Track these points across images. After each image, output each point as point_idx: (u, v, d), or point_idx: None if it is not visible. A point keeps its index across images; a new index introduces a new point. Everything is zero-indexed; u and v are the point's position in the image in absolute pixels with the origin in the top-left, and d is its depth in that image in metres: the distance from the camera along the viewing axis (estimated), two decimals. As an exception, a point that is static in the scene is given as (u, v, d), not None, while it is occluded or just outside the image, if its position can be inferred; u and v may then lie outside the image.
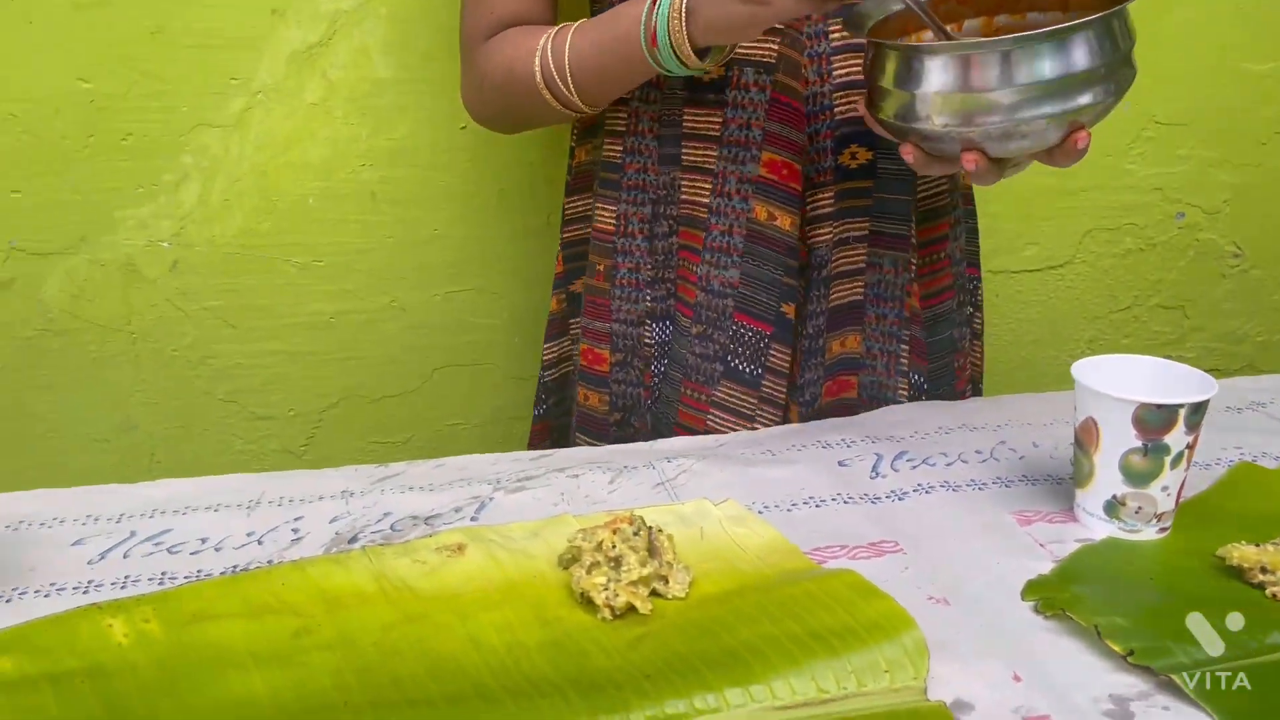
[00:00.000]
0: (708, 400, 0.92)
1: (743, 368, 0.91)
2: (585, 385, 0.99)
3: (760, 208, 0.89)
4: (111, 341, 1.19)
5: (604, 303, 0.97)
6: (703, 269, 0.91)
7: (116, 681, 0.54)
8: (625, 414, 0.97)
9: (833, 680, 0.54)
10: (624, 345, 0.96)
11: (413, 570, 0.66)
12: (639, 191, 0.94)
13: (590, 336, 0.99)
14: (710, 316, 0.91)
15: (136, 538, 0.71)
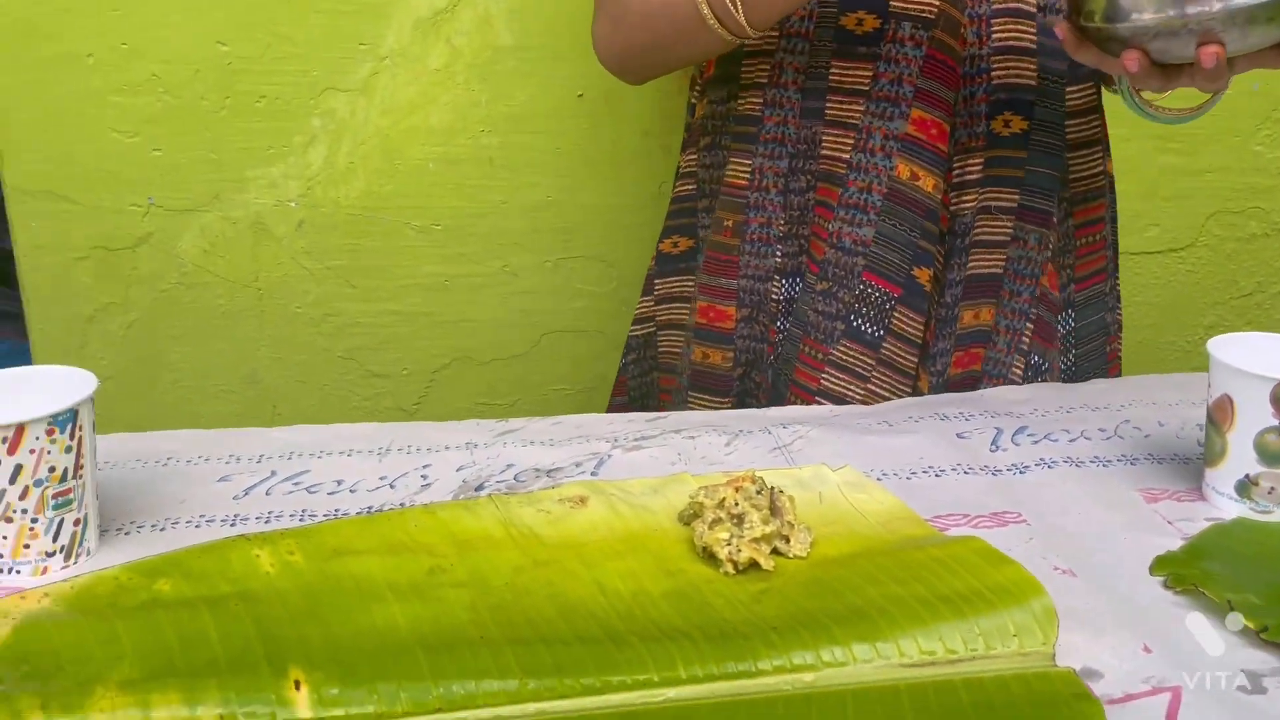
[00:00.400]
0: (824, 359, 0.91)
1: (865, 328, 0.90)
2: (704, 343, 0.98)
3: (903, 166, 0.87)
4: (240, 296, 1.24)
5: (731, 259, 0.96)
6: (835, 225, 0.90)
7: (266, 607, 0.57)
8: (747, 369, 0.97)
9: (960, 641, 0.55)
10: (750, 301, 0.95)
11: (538, 518, 0.68)
12: (777, 145, 0.93)
13: (711, 293, 0.97)
14: (837, 274, 0.90)
15: (277, 477, 0.74)
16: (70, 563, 0.62)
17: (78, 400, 0.60)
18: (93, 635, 0.54)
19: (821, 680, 0.53)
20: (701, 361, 0.99)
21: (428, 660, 0.53)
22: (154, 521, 0.68)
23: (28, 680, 0.51)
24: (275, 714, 0.50)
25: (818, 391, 0.91)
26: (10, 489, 0.59)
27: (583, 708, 0.51)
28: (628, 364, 1.08)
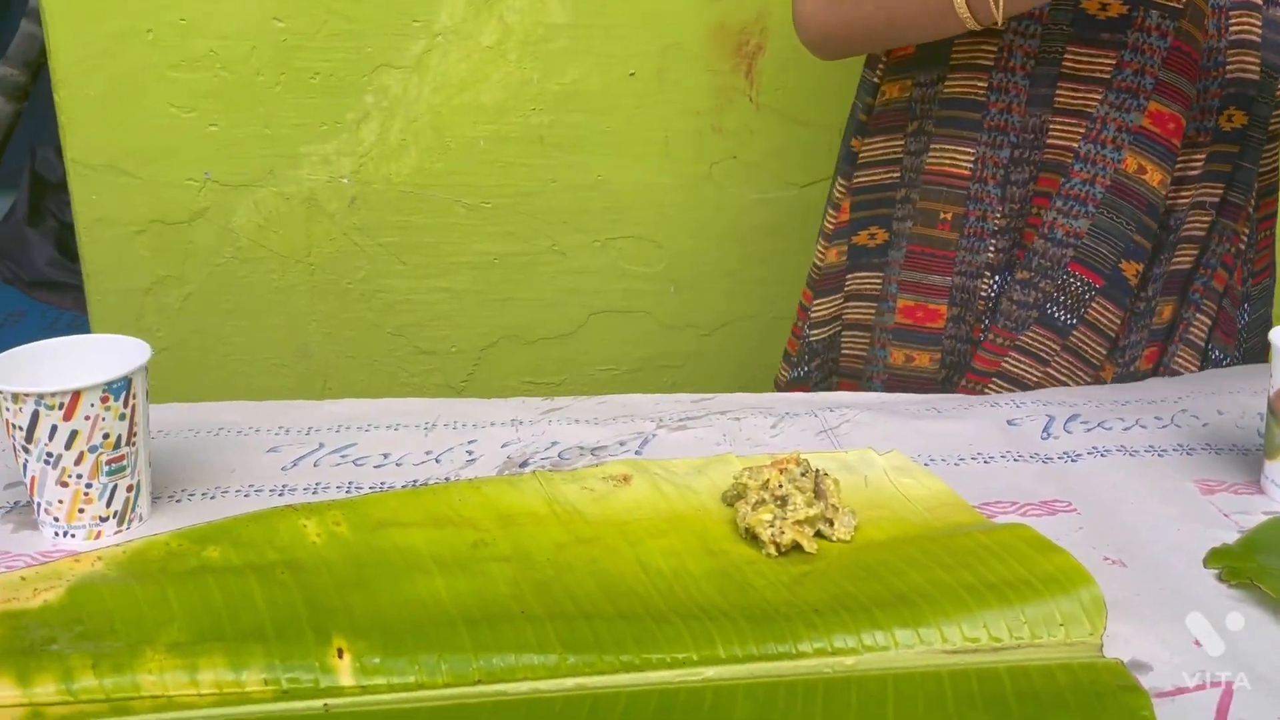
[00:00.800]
0: (1009, 344, 0.88)
1: (1058, 315, 0.86)
2: (908, 345, 0.93)
3: (1132, 159, 0.84)
4: (292, 271, 1.26)
5: (946, 255, 0.90)
6: (1050, 215, 0.86)
7: (312, 575, 0.58)
8: (950, 371, 0.92)
9: (1005, 629, 0.54)
10: (960, 299, 0.90)
11: (581, 496, 0.68)
12: (999, 133, 0.87)
13: (918, 291, 0.92)
14: (1042, 265, 0.87)
15: (325, 449, 0.75)
16: (123, 528, 0.63)
17: (132, 369, 0.61)
18: (143, 598, 0.55)
19: (862, 664, 0.53)
20: (904, 365, 0.93)
21: (469, 633, 0.53)
22: (204, 490, 0.69)
23: (81, 640, 0.52)
24: (318, 681, 0.51)
25: (995, 374, 0.88)
26: (66, 454, 0.60)
27: (621, 684, 0.51)
28: (809, 371, 1.01)
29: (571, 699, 0.50)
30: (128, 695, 0.49)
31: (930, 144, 0.90)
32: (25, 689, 0.49)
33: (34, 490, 0.61)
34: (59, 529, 0.62)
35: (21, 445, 0.60)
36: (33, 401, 0.58)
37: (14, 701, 0.49)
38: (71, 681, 0.49)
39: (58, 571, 0.57)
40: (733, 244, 1.31)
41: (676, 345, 1.36)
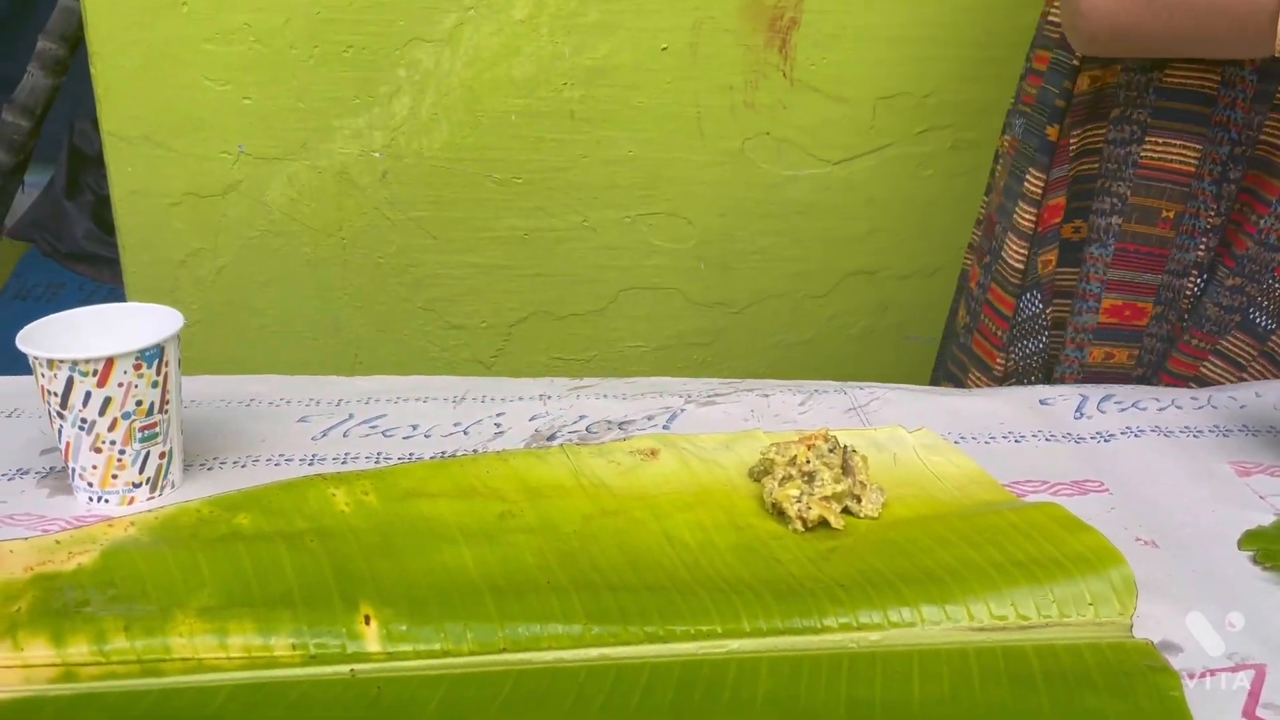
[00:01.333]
0: (1209, 348, 0.85)
1: (1259, 320, 0.84)
2: (1109, 343, 0.89)
3: None
4: (324, 245, 1.26)
5: (1161, 253, 0.86)
6: (1268, 221, 0.82)
7: (341, 543, 0.59)
8: (1146, 370, 0.90)
9: (1033, 607, 0.53)
10: (1165, 298, 0.87)
11: (608, 469, 0.68)
12: (1222, 129, 0.83)
13: (1125, 290, 0.88)
14: (1253, 270, 0.83)
15: (354, 420, 0.75)
16: (155, 494, 0.64)
17: (165, 337, 0.62)
18: (175, 563, 0.56)
19: (888, 640, 0.52)
20: (1102, 362, 0.90)
21: (495, 602, 0.54)
22: (235, 458, 0.70)
23: (113, 603, 0.53)
24: (345, 647, 0.51)
25: (1193, 378, 0.86)
26: (100, 420, 0.61)
27: (645, 655, 0.51)
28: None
29: (595, 669, 0.50)
30: (159, 657, 0.50)
31: (1146, 136, 0.84)
32: (59, 649, 0.50)
33: (68, 456, 0.62)
34: (93, 494, 0.63)
35: (56, 411, 0.61)
36: (67, 368, 0.59)
37: (48, 661, 0.50)
38: (104, 643, 0.50)
39: (91, 536, 0.58)
40: (764, 221, 1.30)
41: (706, 323, 1.35)
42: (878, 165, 1.28)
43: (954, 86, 1.25)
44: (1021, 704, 0.48)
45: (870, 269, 1.34)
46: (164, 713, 0.47)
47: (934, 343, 1.14)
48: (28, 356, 0.60)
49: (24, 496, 0.64)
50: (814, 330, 1.37)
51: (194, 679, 0.49)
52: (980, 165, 1.25)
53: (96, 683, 0.49)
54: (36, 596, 0.53)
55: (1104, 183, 0.87)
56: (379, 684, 0.49)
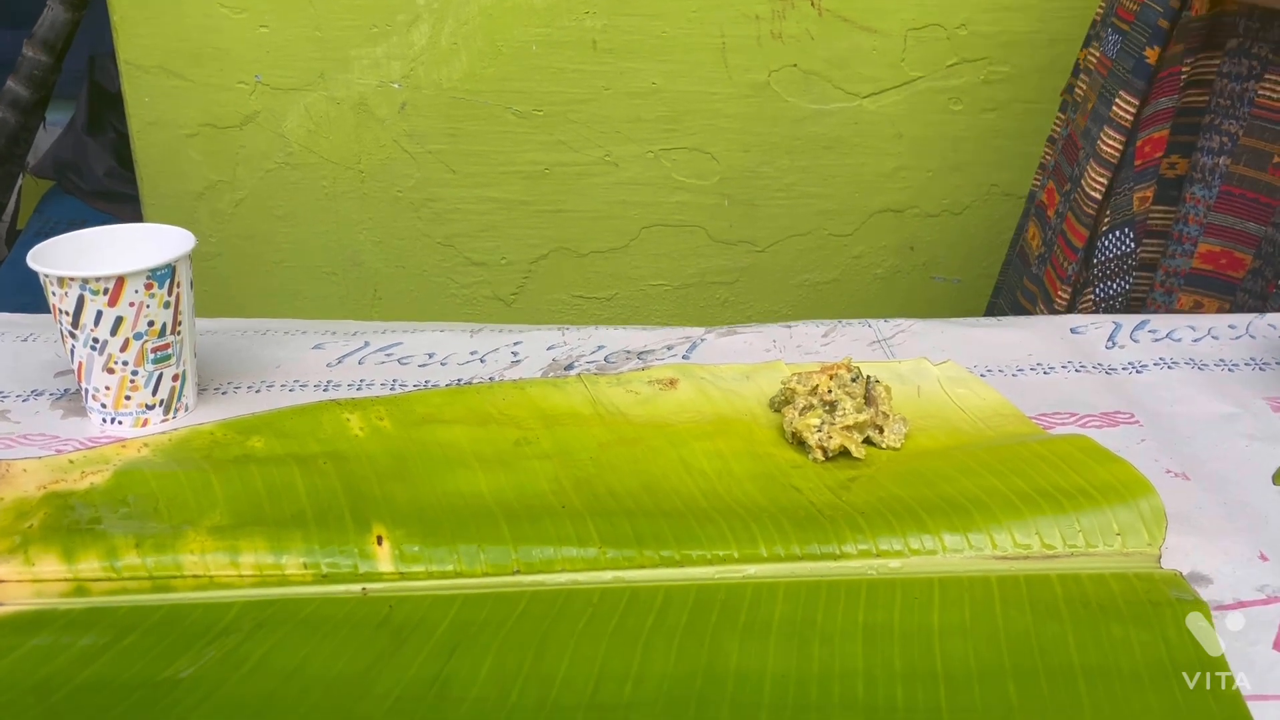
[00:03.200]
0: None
1: None
2: (1200, 291, 0.85)
3: None
4: (343, 178, 1.25)
5: (1268, 202, 0.81)
6: None
7: (354, 465, 0.58)
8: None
9: (1059, 536, 0.52)
10: (1266, 251, 0.82)
11: (626, 398, 0.67)
12: None
13: (1225, 236, 0.83)
14: None
15: (370, 348, 0.75)
16: (169, 416, 0.64)
17: (176, 256, 0.61)
18: (188, 484, 0.55)
19: (908, 567, 0.51)
20: (1192, 309, 0.85)
21: (508, 525, 0.53)
22: (250, 383, 0.69)
23: (126, 521, 0.52)
24: (357, 566, 0.51)
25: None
26: (112, 340, 0.60)
27: (660, 579, 0.51)
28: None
29: (609, 591, 0.50)
30: (170, 574, 0.50)
31: (1265, 73, 0.79)
32: (70, 564, 0.50)
33: (81, 376, 0.62)
34: (106, 415, 0.62)
35: (68, 330, 0.60)
36: (78, 286, 0.58)
37: (58, 576, 0.49)
38: (115, 559, 0.50)
39: (105, 456, 0.58)
40: (790, 157, 1.27)
41: (729, 261, 1.33)
42: (907, 99, 1.24)
43: (987, 18, 1.21)
44: (1045, 631, 0.47)
45: (897, 207, 1.31)
46: (175, 626, 0.46)
47: (961, 284, 1.11)
48: (38, 275, 0.59)
49: (38, 417, 0.64)
50: (839, 270, 1.35)
51: (205, 595, 0.49)
52: (1013, 100, 1.22)
53: (107, 597, 0.49)
54: (48, 514, 0.53)
55: (1213, 119, 0.81)
56: (391, 602, 0.48)
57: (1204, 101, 0.82)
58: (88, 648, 0.45)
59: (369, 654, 0.45)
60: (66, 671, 0.44)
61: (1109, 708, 0.43)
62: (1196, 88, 0.82)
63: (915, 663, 0.45)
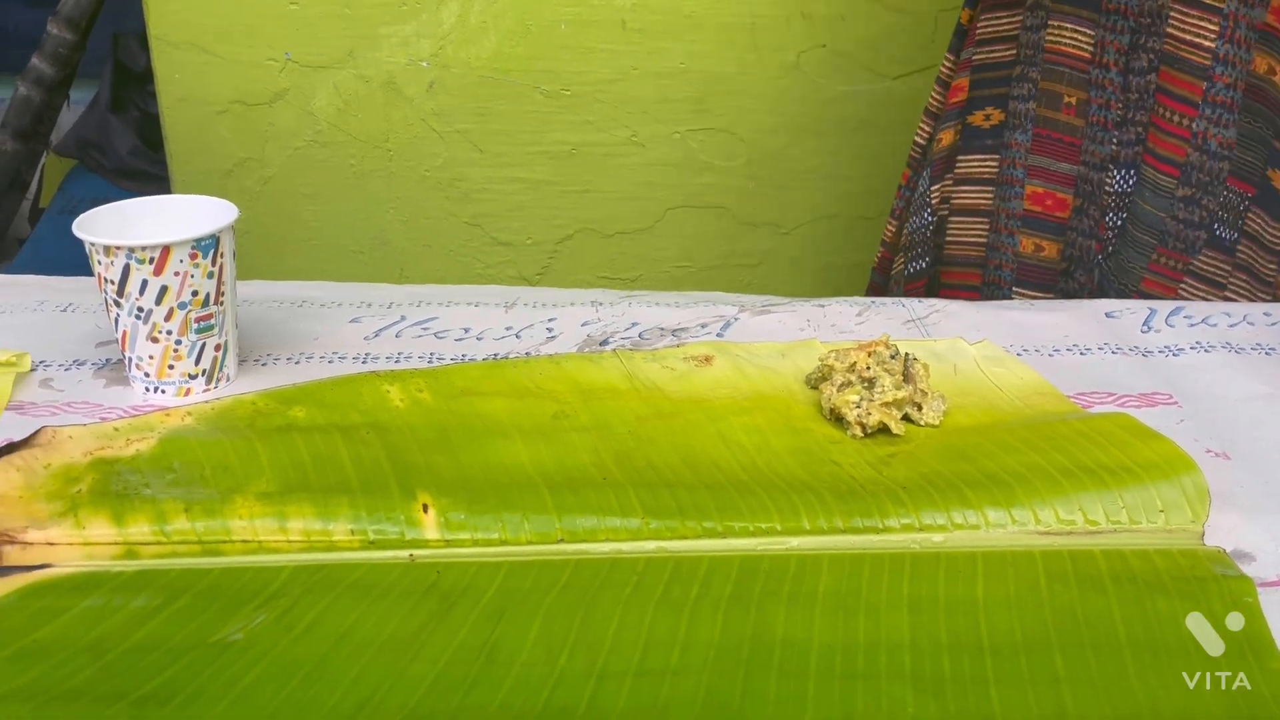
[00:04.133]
0: (1184, 269, 0.84)
1: (1224, 234, 0.82)
2: (1036, 233, 0.90)
3: (1260, 59, 0.78)
4: (370, 157, 1.25)
5: (1073, 142, 0.87)
6: (1200, 124, 0.81)
7: (396, 436, 0.58)
8: (1071, 264, 0.89)
9: (1102, 513, 0.52)
10: (1084, 191, 0.87)
11: (662, 374, 0.67)
12: (1119, 17, 0.82)
13: (1046, 178, 0.89)
14: (1202, 180, 0.82)
15: (406, 321, 0.75)
16: (211, 386, 0.64)
17: (220, 227, 0.61)
18: (232, 451, 0.56)
19: (951, 541, 0.51)
20: (1034, 254, 0.91)
21: (551, 495, 0.53)
22: (289, 355, 0.70)
23: (172, 487, 0.53)
24: (404, 533, 0.51)
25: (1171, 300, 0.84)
26: (156, 310, 0.60)
27: (702, 549, 0.51)
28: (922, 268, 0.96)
29: (653, 560, 0.50)
30: (219, 539, 0.50)
31: (1049, 20, 0.85)
32: (120, 528, 0.50)
33: (125, 345, 0.62)
34: (149, 384, 0.63)
35: (113, 299, 0.60)
36: (124, 255, 0.59)
37: (110, 540, 0.50)
38: (165, 524, 0.50)
39: (149, 424, 0.58)
40: (818, 138, 1.27)
41: (755, 243, 1.33)
42: (936, 82, 1.24)
43: None
44: (1090, 605, 0.47)
45: (924, 190, 1.31)
46: (225, 589, 0.47)
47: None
48: (84, 244, 0.59)
49: (81, 386, 0.65)
50: (866, 253, 1.34)
51: (255, 559, 0.49)
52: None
53: (158, 560, 0.49)
54: (96, 479, 0.53)
55: (1021, 69, 0.88)
56: (438, 568, 0.49)
57: (1013, 54, 0.89)
58: (140, 609, 0.46)
59: (418, 618, 0.45)
60: (120, 632, 0.44)
61: (1155, 681, 0.43)
62: (1004, 43, 0.90)
63: (961, 634, 0.45)
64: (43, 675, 0.42)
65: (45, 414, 0.61)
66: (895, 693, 0.42)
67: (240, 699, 0.41)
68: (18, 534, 0.50)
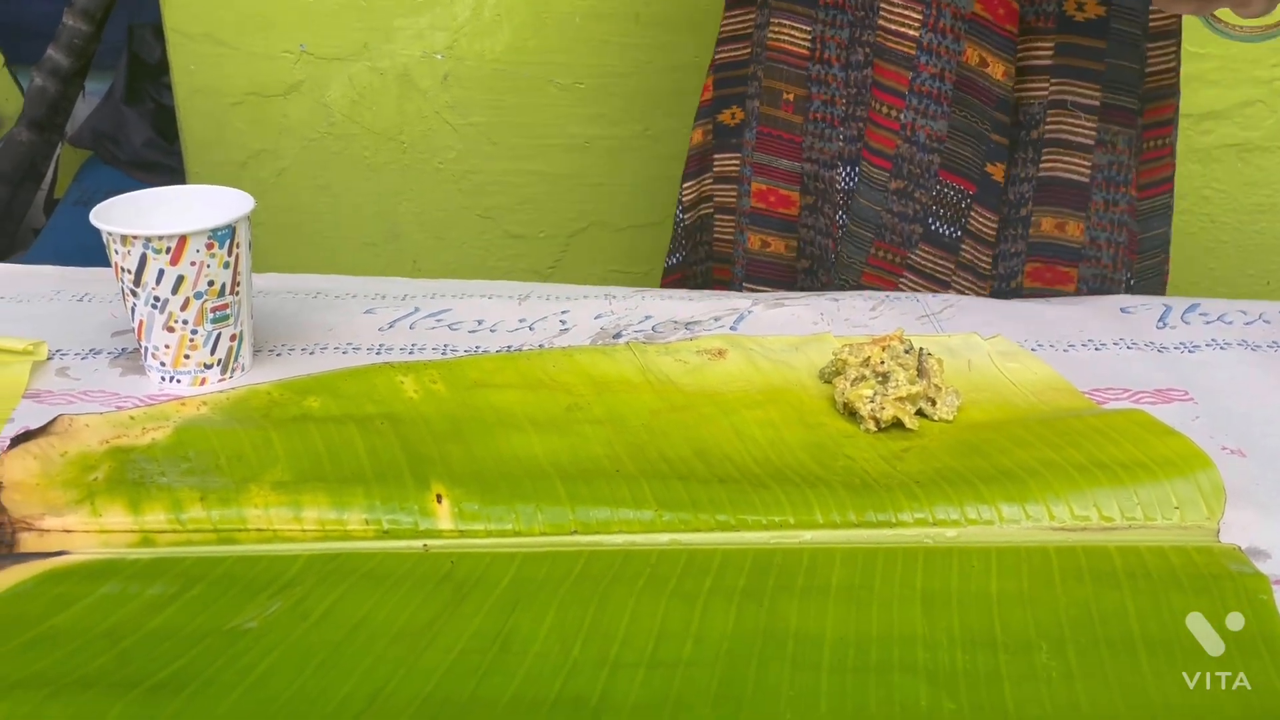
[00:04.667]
0: (902, 263, 0.84)
1: (943, 230, 0.82)
2: (761, 229, 0.90)
3: (972, 50, 0.78)
4: (384, 149, 1.25)
5: (793, 139, 0.87)
6: (908, 116, 0.81)
7: (410, 427, 0.58)
8: (814, 263, 0.89)
9: (1117, 509, 0.52)
10: (815, 189, 0.87)
11: (675, 367, 0.67)
12: (837, 11, 0.82)
13: (769, 175, 0.89)
14: (913, 172, 0.82)
15: (420, 313, 0.75)
16: (226, 376, 0.64)
17: (237, 217, 0.61)
18: (248, 441, 0.56)
19: (964, 537, 0.51)
20: (760, 250, 0.91)
21: (565, 487, 0.53)
22: (304, 345, 0.70)
23: (188, 476, 0.53)
24: (418, 524, 0.51)
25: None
26: (173, 299, 0.61)
27: (716, 542, 0.51)
28: (683, 259, 0.98)
29: (667, 553, 0.50)
30: (234, 527, 0.51)
31: (771, 18, 0.85)
32: (136, 516, 0.51)
33: (141, 335, 0.62)
34: (165, 374, 0.63)
35: (130, 288, 0.61)
36: (141, 244, 0.59)
37: (125, 527, 0.50)
38: (180, 512, 0.51)
39: (164, 413, 0.58)
40: (831, 133, 1.26)
41: (767, 237, 1.33)
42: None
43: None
44: (1104, 601, 0.47)
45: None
46: (241, 577, 0.47)
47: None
48: (101, 233, 0.60)
49: (97, 375, 0.65)
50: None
51: (270, 548, 0.50)
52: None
53: (173, 548, 0.49)
54: (112, 467, 0.53)
55: (754, 68, 0.88)
56: (452, 559, 0.49)
57: (748, 53, 0.89)
58: (156, 596, 0.46)
59: (432, 608, 0.46)
60: (136, 619, 0.45)
61: (1170, 678, 0.43)
62: (740, 41, 0.90)
63: (974, 629, 0.45)
64: (58, 662, 0.42)
65: (62, 402, 0.62)
66: (908, 686, 0.42)
67: (254, 687, 0.41)
68: (35, 521, 0.50)
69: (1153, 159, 0.85)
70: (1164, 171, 0.86)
